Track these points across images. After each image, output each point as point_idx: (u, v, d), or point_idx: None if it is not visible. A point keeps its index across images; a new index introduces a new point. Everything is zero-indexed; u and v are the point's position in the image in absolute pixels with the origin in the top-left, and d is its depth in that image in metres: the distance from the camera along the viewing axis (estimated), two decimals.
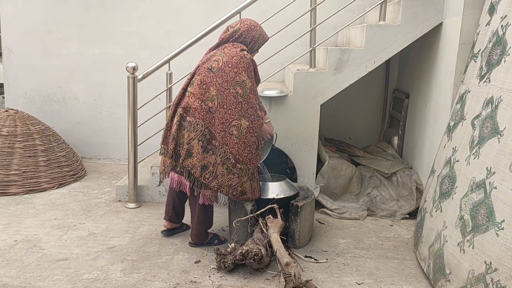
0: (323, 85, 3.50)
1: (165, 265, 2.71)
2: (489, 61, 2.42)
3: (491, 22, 2.53)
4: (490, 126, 2.23)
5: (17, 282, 2.48)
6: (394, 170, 3.81)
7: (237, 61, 2.70)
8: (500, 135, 2.13)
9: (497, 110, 2.20)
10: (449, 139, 2.72)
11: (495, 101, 2.25)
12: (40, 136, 4.19)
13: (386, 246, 3.03)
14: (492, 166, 2.13)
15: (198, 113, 2.69)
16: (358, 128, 4.80)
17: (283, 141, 3.60)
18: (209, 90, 2.69)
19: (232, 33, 2.85)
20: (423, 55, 3.79)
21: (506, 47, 2.27)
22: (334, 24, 4.02)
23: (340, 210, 3.52)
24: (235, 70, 2.69)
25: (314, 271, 2.68)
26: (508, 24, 2.31)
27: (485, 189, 2.14)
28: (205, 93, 2.70)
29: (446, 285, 2.31)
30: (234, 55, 2.72)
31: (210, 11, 4.48)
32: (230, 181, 2.74)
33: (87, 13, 4.76)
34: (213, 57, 2.76)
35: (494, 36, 2.42)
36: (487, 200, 2.10)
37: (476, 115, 2.42)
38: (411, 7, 3.35)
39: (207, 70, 2.72)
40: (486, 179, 2.15)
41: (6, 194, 3.83)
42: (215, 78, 2.69)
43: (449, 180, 2.56)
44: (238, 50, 2.75)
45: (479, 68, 2.54)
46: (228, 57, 2.71)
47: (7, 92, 5.05)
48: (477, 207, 2.16)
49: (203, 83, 2.71)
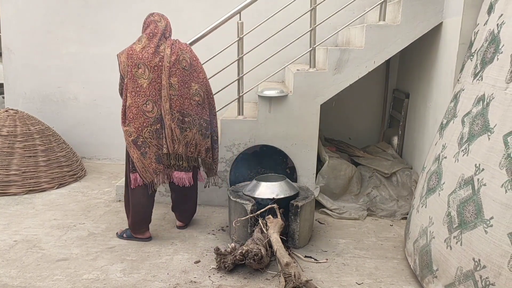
0: (323, 85, 3.50)
1: (165, 265, 2.71)
2: (483, 60, 2.42)
3: (489, 21, 2.54)
4: (480, 124, 2.22)
5: (17, 282, 2.48)
6: (394, 170, 3.81)
7: (192, 52, 2.99)
8: (490, 132, 2.13)
9: (489, 108, 2.19)
10: (441, 136, 2.72)
11: (486, 98, 2.24)
12: (40, 136, 4.19)
13: (386, 246, 3.03)
14: (481, 163, 2.12)
15: (191, 111, 2.90)
16: (358, 128, 4.80)
17: (283, 141, 3.60)
18: (191, 86, 2.90)
19: (164, 28, 2.95)
20: (423, 55, 3.79)
21: (500, 45, 2.27)
22: (334, 24, 4.01)
23: (340, 210, 3.52)
24: (195, 60, 2.97)
25: (314, 271, 2.68)
26: (503, 23, 2.31)
27: (473, 186, 2.14)
28: (189, 91, 2.89)
29: (433, 281, 2.31)
30: (187, 48, 2.96)
31: (210, 11, 4.48)
32: (207, 144, 3.02)
33: (87, 13, 4.76)
34: (178, 57, 2.87)
35: (490, 35, 2.42)
36: (476, 197, 2.10)
37: (466, 112, 2.42)
38: (411, 7, 3.35)
39: (182, 69, 2.87)
40: (474, 176, 2.15)
41: (6, 194, 3.83)
42: (191, 74, 2.91)
43: (436, 176, 2.56)
44: (184, 44, 3.00)
45: (473, 67, 2.54)
46: (188, 53, 2.94)
47: (7, 92, 5.05)
48: (464, 204, 2.16)
49: (184, 82, 2.87)
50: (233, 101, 3.82)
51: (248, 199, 2.98)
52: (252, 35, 3.58)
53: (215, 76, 3.63)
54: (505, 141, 2.01)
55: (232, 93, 3.80)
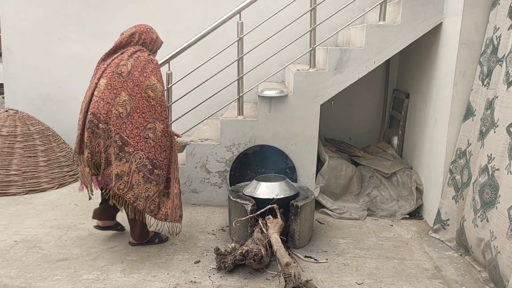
0: (323, 85, 3.50)
1: (165, 265, 2.71)
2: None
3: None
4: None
5: (17, 282, 2.48)
6: (394, 170, 3.81)
7: (145, 65, 2.67)
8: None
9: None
10: (482, 145, 2.71)
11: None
12: (40, 136, 4.19)
13: (386, 246, 3.03)
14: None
15: (109, 119, 2.59)
16: (358, 128, 4.80)
17: (283, 141, 3.60)
18: (120, 95, 2.60)
19: (129, 36, 2.76)
20: (423, 55, 3.78)
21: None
22: (334, 24, 4.01)
23: (340, 210, 3.52)
24: (144, 75, 2.65)
25: (314, 271, 2.68)
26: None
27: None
28: (116, 98, 2.59)
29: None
30: (142, 59, 2.68)
31: (210, 11, 4.48)
32: (148, 191, 2.63)
33: (87, 13, 4.76)
34: (120, 62, 2.66)
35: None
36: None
37: (510, 123, 2.42)
38: (411, 7, 3.35)
39: (117, 74, 2.62)
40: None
41: (6, 194, 3.82)
42: (125, 82, 2.61)
43: (490, 189, 2.54)
44: (145, 54, 2.73)
45: (505, 74, 2.53)
46: (136, 62, 2.66)
47: (7, 92, 5.05)
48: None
49: (113, 87, 2.61)
50: (233, 101, 3.82)
51: (248, 199, 2.98)
52: (252, 35, 3.58)
53: (215, 76, 3.63)
54: None
55: (232, 93, 3.80)
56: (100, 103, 2.59)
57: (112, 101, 2.59)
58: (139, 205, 2.63)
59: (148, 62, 2.70)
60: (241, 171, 3.65)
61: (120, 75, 2.63)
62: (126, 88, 2.61)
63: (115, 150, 2.58)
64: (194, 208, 3.64)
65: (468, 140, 2.97)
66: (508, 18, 2.63)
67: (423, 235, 3.22)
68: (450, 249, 2.99)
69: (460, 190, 2.98)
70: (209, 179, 3.68)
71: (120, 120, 2.58)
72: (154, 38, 2.86)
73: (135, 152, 2.60)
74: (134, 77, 2.63)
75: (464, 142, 3.01)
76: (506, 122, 2.47)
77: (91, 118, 2.59)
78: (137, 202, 2.62)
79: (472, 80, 3.02)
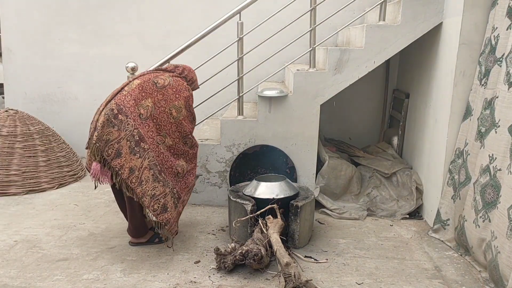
0: (323, 85, 3.50)
1: (165, 265, 2.71)
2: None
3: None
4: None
5: (17, 282, 2.48)
6: (394, 170, 3.81)
7: (181, 89, 2.81)
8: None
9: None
10: (482, 145, 2.71)
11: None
12: (40, 136, 4.19)
13: (386, 246, 3.03)
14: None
15: (130, 113, 2.63)
16: (358, 128, 4.80)
17: (283, 141, 3.60)
18: (147, 99, 2.69)
19: (175, 66, 2.97)
20: (423, 55, 3.78)
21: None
22: (334, 24, 4.01)
23: (340, 210, 3.52)
24: (176, 96, 2.77)
25: (314, 271, 2.68)
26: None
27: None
28: (142, 100, 2.68)
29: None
30: (181, 84, 2.83)
31: (210, 11, 4.48)
32: (154, 190, 2.67)
33: (87, 13, 4.76)
34: (160, 75, 2.81)
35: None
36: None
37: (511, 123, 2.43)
38: (411, 7, 3.35)
39: (152, 82, 2.74)
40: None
41: (6, 194, 3.83)
42: (156, 92, 2.72)
43: (492, 189, 2.54)
44: (185, 82, 2.90)
45: (505, 74, 2.53)
46: (175, 83, 2.80)
47: (7, 92, 5.05)
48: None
49: (143, 89, 2.70)
50: (233, 101, 3.82)
51: (248, 199, 2.98)
52: (252, 35, 3.58)
53: (215, 76, 3.63)
54: None
55: (232, 93, 3.80)
56: (127, 97, 2.66)
57: (138, 101, 2.67)
58: (145, 201, 2.66)
59: (185, 89, 2.84)
60: (241, 171, 3.65)
61: (155, 84, 2.74)
62: (154, 98, 2.71)
63: (131, 144, 2.62)
64: (194, 208, 3.65)
65: (465, 140, 2.97)
66: (507, 17, 2.62)
67: (423, 235, 3.22)
68: (450, 249, 2.99)
69: (457, 190, 2.98)
70: (209, 179, 3.68)
71: (139, 119, 2.66)
72: (195, 79, 3.04)
73: (149, 150, 2.68)
74: (166, 92, 2.74)
75: (463, 142, 3.01)
76: (507, 123, 2.46)
77: (113, 107, 2.63)
78: (144, 198, 2.65)
79: (472, 80, 3.02)
